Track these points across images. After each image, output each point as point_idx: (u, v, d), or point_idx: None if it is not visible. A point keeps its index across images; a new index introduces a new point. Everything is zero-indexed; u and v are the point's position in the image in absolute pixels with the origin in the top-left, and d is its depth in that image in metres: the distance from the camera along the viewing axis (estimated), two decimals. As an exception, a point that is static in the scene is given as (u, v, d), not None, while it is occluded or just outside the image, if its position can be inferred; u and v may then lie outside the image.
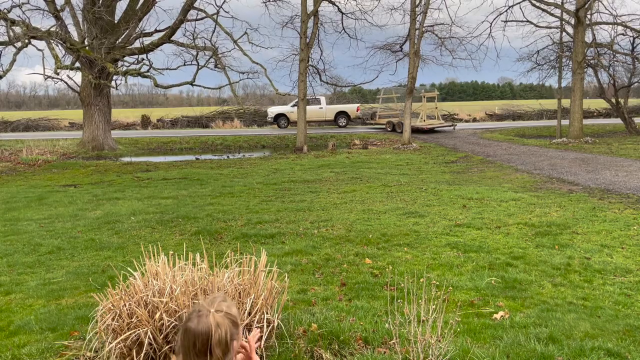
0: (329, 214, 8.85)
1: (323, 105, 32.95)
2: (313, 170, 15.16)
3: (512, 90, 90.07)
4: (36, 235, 7.94)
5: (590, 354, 3.74)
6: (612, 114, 31.82)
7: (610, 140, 22.45)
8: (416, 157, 18.02)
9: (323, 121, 33.43)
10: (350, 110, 33.31)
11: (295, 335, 3.99)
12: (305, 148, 21.17)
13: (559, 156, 16.67)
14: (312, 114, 32.91)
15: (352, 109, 33.36)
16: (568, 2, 22.65)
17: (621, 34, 24.58)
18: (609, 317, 4.46)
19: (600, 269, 5.72)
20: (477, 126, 32.45)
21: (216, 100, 63.01)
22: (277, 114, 33.62)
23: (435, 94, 30.14)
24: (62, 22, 19.96)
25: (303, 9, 21.45)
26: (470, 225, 7.79)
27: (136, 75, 20.73)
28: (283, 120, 33.30)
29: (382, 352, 3.81)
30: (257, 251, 4.46)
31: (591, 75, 26.47)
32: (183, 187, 12.30)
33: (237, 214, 8.98)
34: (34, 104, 78.82)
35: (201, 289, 3.66)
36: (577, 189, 10.65)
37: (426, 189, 11.24)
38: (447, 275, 5.57)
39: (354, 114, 33.13)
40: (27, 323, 4.59)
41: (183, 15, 20.56)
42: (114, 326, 3.53)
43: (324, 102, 33.26)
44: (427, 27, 22.80)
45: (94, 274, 5.88)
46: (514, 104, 47.89)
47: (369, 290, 5.19)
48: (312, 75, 23.43)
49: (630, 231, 7.23)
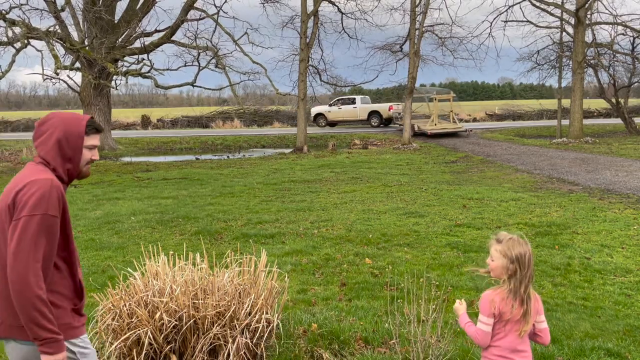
0: (329, 214, 8.85)
1: (357, 105, 32.41)
2: (313, 170, 15.16)
3: (512, 90, 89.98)
4: (36, 235, 7.92)
5: (590, 354, 3.74)
6: (612, 114, 31.82)
7: (611, 140, 22.45)
8: (416, 157, 18.02)
9: (357, 120, 32.67)
10: (382, 109, 32.15)
11: (295, 335, 3.99)
12: (306, 148, 21.17)
13: (559, 156, 16.67)
14: (346, 114, 32.83)
15: (384, 108, 32.12)
16: (568, 2, 22.67)
17: (621, 34, 24.60)
18: (609, 317, 4.46)
19: (600, 269, 5.72)
20: (477, 126, 32.43)
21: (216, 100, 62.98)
22: (316, 113, 33.73)
23: (450, 95, 26.96)
24: (62, 22, 19.96)
25: (303, 9, 21.45)
26: (470, 225, 7.80)
27: (137, 75, 20.74)
28: (321, 120, 33.43)
29: (382, 352, 3.81)
30: (257, 251, 4.46)
31: (591, 75, 26.49)
32: (183, 187, 12.30)
33: (237, 214, 8.98)
34: (34, 104, 78.76)
35: (201, 289, 3.66)
36: (577, 189, 10.65)
37: (426, 188, 11.24)
38: (447, 275, 5.57)
39: (387, 114, 31.62)
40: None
41: (183, 15, 20.58)
42: (114, 326, 3.53)
43: (359, 102, 32.59)
44: (427, 27, 22.82)
45: (94, 274, 5.89)
46: (514, 104, 47.88)
47: (369, 290, 5.19)
48: (312, 75, 23.42)
49: (630, 231, 7.23)
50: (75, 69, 19.95)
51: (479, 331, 2.52)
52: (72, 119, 2.32)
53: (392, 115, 31.27)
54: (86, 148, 2.34)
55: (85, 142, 2.32)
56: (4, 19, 18.11)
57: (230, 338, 3.55)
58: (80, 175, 2.40)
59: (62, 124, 2.29)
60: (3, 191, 2.24)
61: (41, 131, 2.31)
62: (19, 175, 2.26)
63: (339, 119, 33.23)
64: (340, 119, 33.19)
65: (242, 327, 3.59)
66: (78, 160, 2.32)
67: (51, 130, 2.29)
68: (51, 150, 2.26)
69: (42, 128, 2.31)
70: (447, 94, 27.44)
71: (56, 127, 2.28)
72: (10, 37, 18.19)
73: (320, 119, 33.51)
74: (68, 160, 2.30)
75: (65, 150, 2.28)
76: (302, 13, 21.55)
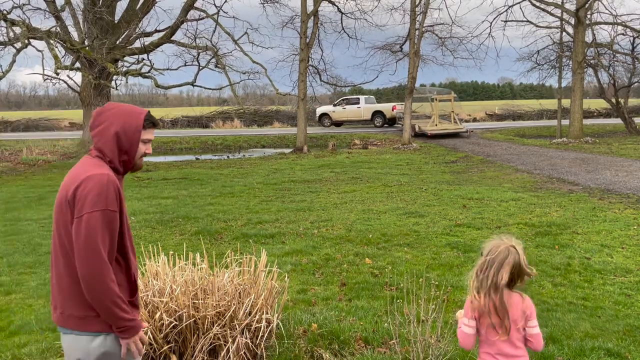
0: (329, 214, 8.85)
1: (361, 105, 32.34)
2: (313, 170, 15.16)
3: (512, 90, 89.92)
4: (36, 235, 7.94)
5: (590, 354, 3.74)
6: (612, 114, 31.81)
7: (611, 140, 22.45)
8: (416, 157, 18.02)
9: (361, 120, 32.61)
10: (386, 109, 31.98)
11: (295, 335, 3.99)
12: (306, 148, 21.17)
13: (559, 156, 16.67)
14: (350, 114, 32.73)
15: (388, 108, 31.93)
16: (568, 2, 22.68)
17: (621, 34, 24.61)
18: (609, 317, 4.46)
19: (600, 269, 5.72)
20: (477, 126, 32.43)
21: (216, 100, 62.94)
22: (321, 113, 33.74)
23: (451, 96, 26.70)
24: (62, 22, 19.97)
25: (303, 9, 21.44)
26: (470, 225, 7.79)
27: (137, 75, 20.73)
28: (326, 120, 33.44)
29: (382, 352, 3.81)
30: (257, 251, 4.46)
31: (591, 75, 26.49)
32: (183, 187, 12.31)
33: (237, 214, 8.98)
34: (34, 104, 78.73)
35: (201, 289, 3.66)
36: (577, 189, 10.65)
37: (426, 188, 11.24)
38: (447, 275, 5.57)
39: (390, 114, 31.33)
40: (27, 323, 4.59)
41: (183, 15, 20.56)
42: (114, 326, 3.53)
43: (362, 102, 32.50)
44: (427, 27, 22.82)
45: (94, 274, 5.87)
46: (514, 104, 47.88)
47: (369, 290, 5.19)
48: (312, 75, 23.42)
49: (630, 231, 7.23)
50: (75, 69, 19.94)
51: (460, 333, 2.54)
52: (131, 112, 2.38)
53: (395, 115, 31.07)
54: (142, 142, 2.41)
55: (141, 136, 2.39)
56: (5, 19, 18.10)
57: (230, 338, 3.55)
58: (134, 168, 2.48)
59: (122, 117, 2.35)
60: (61, 185, 2.31)
61: (99, 121, 2.36)
62: (76, 169, 2.32)
63: (343, 118, 33.21)
64: (345, 118, 33.17)
65: (242, 327, 3.59)
66: (134, 153, 2.40)
67: (109, 122, 2.34)
68: (109, 142, 2.32)
69: (100, 118, 2.36)
70: (449, 94, 27.25)
71: (115, 119, 2.34)
72: (11, 37, 18.19)
73: (325, 119, 33.54)
74: (124, 153, 2.37)
75: (123, 143, 2.34)
76: (302, 13, 21.55)
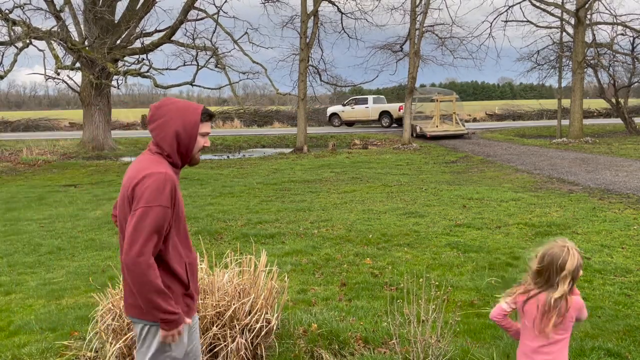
0: (329, 214, 8.85)
1: (369, 105, 32.37)
2: (313, 170, 15.16)
3: (512, 90, 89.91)
4: (36, 235, 7.94)
5: (590, 354, 3.74)
6: (612, 114, 31.81)
7: (611, 140, 22.45)
8: (416, 157, 18.02)
9: (369, 121, 32.63)
10: (392, 109, 32.01)
11: (295, 335, 3.98)
12: (306, 148, 21.17)
13: (559, 156, 16.67)
14: (359, 114, 32.82)
15: (394, 108, 31.85)
16: (568, 2, 22.68)
17: (621, 34, 24.62)
18: (609, 317, 4.46)
19: (600, 269, 5.72)
20: (477, 126, 32.43)
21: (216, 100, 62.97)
22: (331, 113, 33.85)
23: (453, 97, 26.25)
24: (62, 22, 19.97)
25: (303, 9, 21.44)
26: (470, 225, 7.79)
27: (136, 75, 20.74)
28: (336, 119, 33.51)
29: (382, 352, 3.81)
30: (257, 251, 4.46)
31: (591, 75, 26.49)
32: (183, 187, 12.31)
33: (237, 214, 8.98)
34: (34, 104, 78.71)
35: (201, 288, 3.66)
36: (577, 189, 10.65)
37: (426, 189, 11.24)
38: (447, 275, 5.57)
39: (397, 114, 31.06)
40: (27, 323, 4.59)
41: (183, 15, 20.57)
42: (114, 326, 3.53)
43: (370, 101, 32.50)
44: (427, 27, 22.83)
45: (94, 274, 5.88)
46: (514, 104, 47.85)
47: (369, 290, 5.19)
48: (312, 75, 23.42)
49: (630, 231, 7.23)
50: (75, 68, 19.96)
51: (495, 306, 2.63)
52: (188, 109, 2.43)
53: (402, 115, 30.88)
54: (200, 135, 2.45)
55: (200, 129, 2.44)
56: (6, 19, 18.11)
57: (230, 338, 3.55)
58: (193, 161, 2.52)
59: (181, 114, 2.40)
60: (123, 181, 2.39)
61: (158, 115, 2.41)
62: (136, 165, 2.39)
63: (352, 118, 33.28)
64: (353, 118, 33.24)
65: (242, 327, 3.59)
66: (192, 147, 2.45)
67: (168, 117, 2.39)
68: (167, 137, 2.38)
69: (158, 112, 2.41)
70: (450, 95, 27.01)
71: (173, 115, 2.39)
72: (12, 36, 18.19)
73: (334, 119, 33.67)
74: (183, 148, 2.42)
75: (182, 138, 2.40)
76: (302, 13, 21.54)
